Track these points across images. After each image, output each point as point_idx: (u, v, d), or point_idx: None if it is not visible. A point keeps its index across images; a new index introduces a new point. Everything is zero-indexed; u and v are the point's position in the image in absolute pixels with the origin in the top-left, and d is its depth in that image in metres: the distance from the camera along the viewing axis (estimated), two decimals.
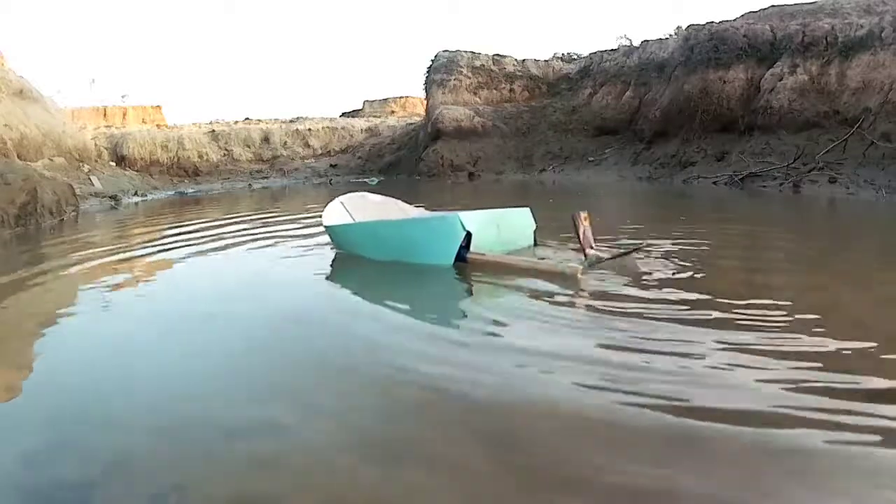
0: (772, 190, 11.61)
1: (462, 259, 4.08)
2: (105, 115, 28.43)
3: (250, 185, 20.91)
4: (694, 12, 61.34)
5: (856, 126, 11.93)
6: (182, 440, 1.82)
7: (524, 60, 24.30)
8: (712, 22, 17.07)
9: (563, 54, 24.97)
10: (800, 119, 13.67)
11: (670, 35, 20.12)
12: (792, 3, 16.49)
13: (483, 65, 23.74)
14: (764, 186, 12.01)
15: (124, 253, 5.77)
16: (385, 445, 1.76)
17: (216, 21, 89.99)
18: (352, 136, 26.49)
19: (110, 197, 13.85)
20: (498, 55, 24.26)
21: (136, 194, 15.86)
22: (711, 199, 10.85)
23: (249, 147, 24.76)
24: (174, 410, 2.03)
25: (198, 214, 10.16)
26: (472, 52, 24.09)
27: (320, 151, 25.78)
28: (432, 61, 24.20)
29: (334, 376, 2.32)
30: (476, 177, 20.39)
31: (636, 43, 21.72)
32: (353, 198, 5.77)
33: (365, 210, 5.61)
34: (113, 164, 19.65)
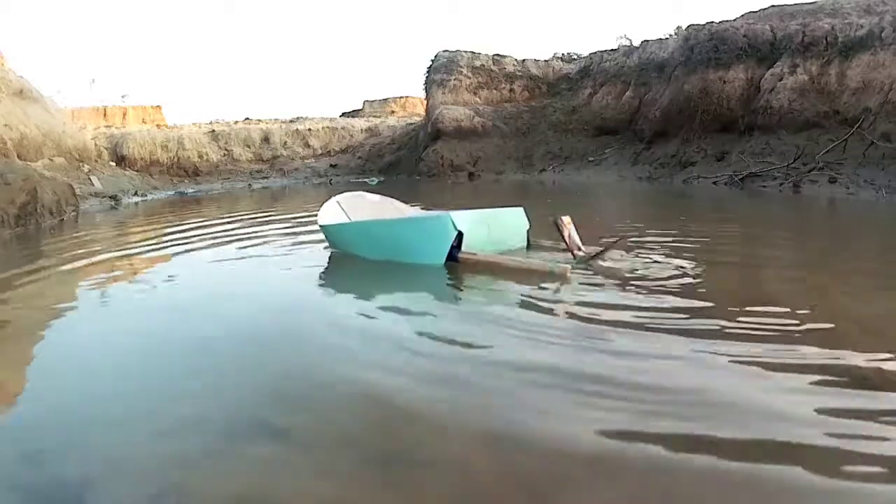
0: (772, 190, 11.61)
1: (453, 258, 4.06)
2: (105, 115, 28.47)
3: (250, 186, 20.90)
4: (694, 12, 61.60)
5: (856, 126, 11.94)
6: (182, 440, 1.82)
7: (524, 60, 24.32)
8: (712, 22, 17.10)
9: (563, 54, 24.99)
10: (800, 119, 13.68)
11: (670, 35, 20.14)
12: (792, 3, 16.50)
13: (483, 65, 23.75)
14: (764, 186, 12.02)
15: (124, 252, 5.76)
16: (377, 449, 1.76)
17: (216, 21, 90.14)
18: (352, 136, 26.49)
19: (110, 197, 13.84)
20: (498, 55, 24.27)
21: (136, 194, 15.85)
22: (711, 199, 10.85)
23: (249, 147, 24.76)
24: (174, 410, 2.02)
25: (198, 214, 10.16)
26: (472, 52, 24.11)
27: (320, 151, 25.77)
28: (432, 61, 24.22)
29: (318, 387, 2.21)
30: (476, 177, 20.39)
31: (636, 43, 21.77)
32: (350, 197, 5.73)
33: (361, 209, 5.57)
34: (113, 164, 19.64)
